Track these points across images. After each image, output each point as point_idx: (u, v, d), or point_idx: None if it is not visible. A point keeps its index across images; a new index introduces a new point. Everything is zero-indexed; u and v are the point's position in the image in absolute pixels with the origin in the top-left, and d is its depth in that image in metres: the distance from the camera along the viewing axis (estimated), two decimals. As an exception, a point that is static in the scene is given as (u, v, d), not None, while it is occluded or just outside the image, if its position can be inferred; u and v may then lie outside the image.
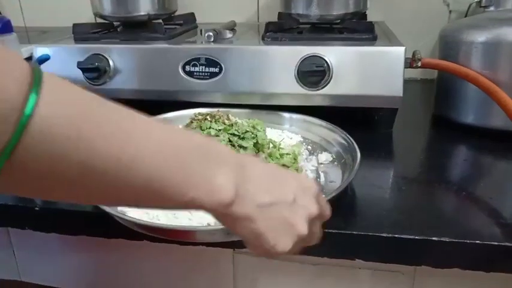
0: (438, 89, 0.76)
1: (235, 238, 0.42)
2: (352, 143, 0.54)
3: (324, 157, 0.57)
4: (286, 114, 0.66)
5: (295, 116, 0.66)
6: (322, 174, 0.54)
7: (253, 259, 0.51)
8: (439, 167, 0.59)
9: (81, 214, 0.49)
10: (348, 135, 0.56)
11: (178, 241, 0.47)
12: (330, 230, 0.43)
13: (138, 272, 0.57)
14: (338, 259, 0.46)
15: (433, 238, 0.42)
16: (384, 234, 0.43)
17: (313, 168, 0.56)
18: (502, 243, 0.41)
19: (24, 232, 0.53)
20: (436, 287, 0.48)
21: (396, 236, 0.43)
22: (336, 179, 0.52)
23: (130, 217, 0.41)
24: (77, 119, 0.21)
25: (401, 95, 0.64)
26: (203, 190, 0.25)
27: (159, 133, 0.25)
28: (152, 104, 0.54)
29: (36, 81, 0.20)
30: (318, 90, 0.66)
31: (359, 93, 0.65)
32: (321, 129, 0.62)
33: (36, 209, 0.50)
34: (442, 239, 0.42)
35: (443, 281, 0.48)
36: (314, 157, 0.58)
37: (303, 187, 0.31)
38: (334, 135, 0.59)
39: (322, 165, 0.56)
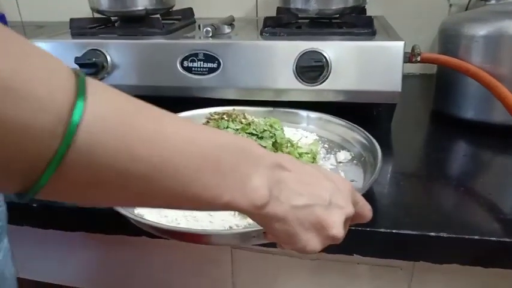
0: (438, 84, 0.76)
1: (256, 242, 0.41)
2: (372, 141, 0.53)
3: (343, 155, 0.56)
4: (303, 113, 0.66)
5: (312, 114, 0.65)
6: (342, 173, 0.53)
7: (251, 255, 0.51)
8: (438, 163, 0.59)
9: (80, 211, 0.49)
10: (367, 133, 0.55)
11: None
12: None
13: (136, 268, 0.56)
14: (336, 254, 0.46)
15: (432, 234, 0.42)
16: (382, 230, 0.43)
17: (333, 167, 0.54)
18: (501, 239, 0.41)
19: (22, 229, 0.52)
20: (434, 283, 0.48)
21: (394, 231, 0.43)
22: (357, 178, 0.51)
23: (147, 220, 0.41)
24: (119, 126, 0.21)
25: (400, 90, 0.64)
26: (238, 193, 0.25)
27: (197, 136, 0.24)
28: (150, 100, 0.54)
29: (81, 89, 0.20)
30: (316, 85, 0.65)
31: (358, 88, 0.65)
32: (338, 127, 0.61)
33: (34, 205, 0.50)
34: (441, 234, 0.42)
35: (442, 276, 0.48)
36: (332, 156, 0.57)
37: (339, 187, 0.30)
38: (353, 134, 0.58)
39: (341, 163, 0.55)
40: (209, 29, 0.71)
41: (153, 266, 0.55)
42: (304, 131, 0.64)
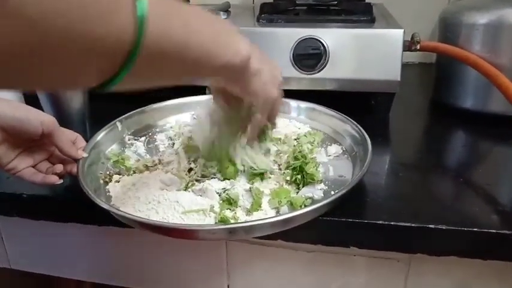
0: (437, 73, 0.75)
1: (234, 238, 0.44)
2: (363, 134, 0.51)
3: (334, 149, 0.54)
4: (294, 103, 0.62)
5: (303, 104, 0.62)
6: (331, 168, 0.51)
7: (246, 246, 0.50)
8: (436, 153, 0.58)
9: (70, 201, 0.48)
10: (359, 127, 0.53)
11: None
12: (325, 217, 0.42)
13: (130, 258, 0.56)
14: (333, 246, 0.46)
15: (430, 226, 0.41)
16: (380, 222, 0.42)
17: (326, 161, 0.52)
18: (500, 231, 0.41)
19: (13, 219, 0.52)
20: (431, 274, 0.48)
21: (392, 223, 0.42)
22: (345, 174, 0.49)
23: (130, 214, 0.40)
24: (175, 20, 0.28)
25: (399, 79, 0.63)
26: (233, 53, 0.36)
27: (210, 23, 0.35)
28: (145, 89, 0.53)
29: None
30: (313, 73, 0.64)
31: (356, 77, 0.64)
32: (330, 119, 0.58)
33: (24, 196, 0.49)
34: (439, 226, 0.41)
35: (439, 268, 0.47)
36: (323, 149, 0.54)
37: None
38: (344, 126, 0.55)
39: (331, 157, 0.53)
40: (204, 15, 0.69)
41: (146, 255, 0.55)
42: (297, 122, 0.61)
